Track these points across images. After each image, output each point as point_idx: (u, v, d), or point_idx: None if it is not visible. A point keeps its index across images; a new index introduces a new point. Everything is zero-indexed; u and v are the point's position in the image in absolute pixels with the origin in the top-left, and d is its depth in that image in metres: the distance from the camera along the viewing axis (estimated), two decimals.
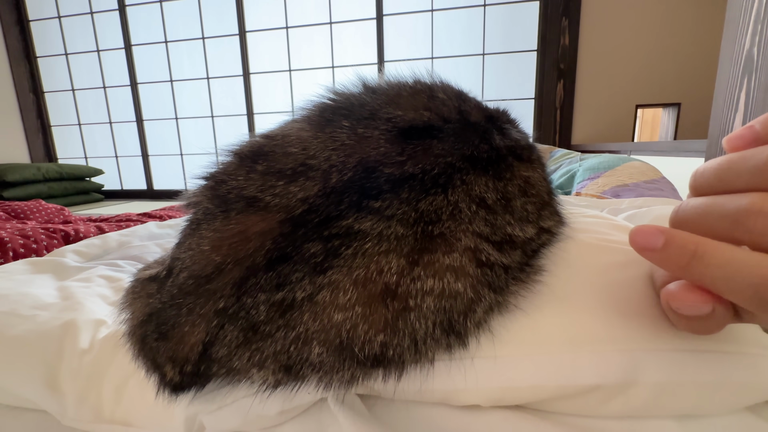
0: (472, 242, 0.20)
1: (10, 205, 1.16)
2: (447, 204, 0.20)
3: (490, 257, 0.20)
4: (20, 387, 0.29)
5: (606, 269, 0.24)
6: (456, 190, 0.21)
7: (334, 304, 0.19)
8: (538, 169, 0.25)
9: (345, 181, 0.21)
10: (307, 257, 0.19)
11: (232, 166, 0.23)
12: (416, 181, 0.21)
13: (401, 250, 0.19)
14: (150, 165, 3.03)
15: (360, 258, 0.19)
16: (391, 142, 0.22)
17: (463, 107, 0.25)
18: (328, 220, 0.20)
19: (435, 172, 0.21)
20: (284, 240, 0.20)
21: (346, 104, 0.24)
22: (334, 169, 0.21)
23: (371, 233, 0.19)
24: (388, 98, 0.24)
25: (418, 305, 0.19)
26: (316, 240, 0.20)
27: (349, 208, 0.20)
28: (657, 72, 2.16)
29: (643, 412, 0.21)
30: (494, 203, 0.21)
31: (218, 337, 0.20)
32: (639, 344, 0.20)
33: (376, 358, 0.19)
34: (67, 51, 2.96)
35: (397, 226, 0.20)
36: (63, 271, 0.48)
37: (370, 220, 0.20)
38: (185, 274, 0.21)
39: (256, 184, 0.21)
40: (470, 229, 0.20)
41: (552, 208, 0.25)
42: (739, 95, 0.53)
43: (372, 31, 2.49)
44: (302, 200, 0.20)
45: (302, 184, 0.21)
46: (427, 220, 0.20)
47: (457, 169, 0.21)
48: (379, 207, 0.20)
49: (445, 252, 0.20)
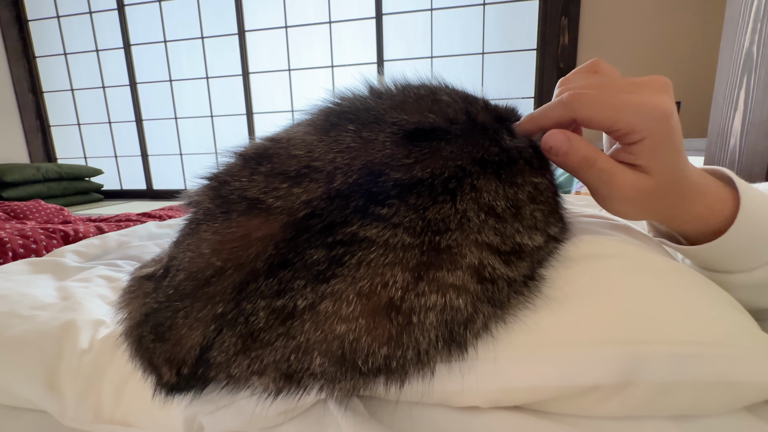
0: (477, 257, 0.20)
1: (10, 206, 1.15)
2: (455, 213, 0.20)
3: (495, 271, 0.20)
4: (20, 387, 0.29)
5: (604, 271, 0.24)
6: (465, 197, 0.21)
7: (337, 315, 0.19)
8: (546, 174, 0.25)
9: (350, 184, 0.20)
10: (310, 264, 0.19)
11: (236, 167, 0.23)
12: (425, 187, 0.20)
13: (407, 263, 0.19)
14: (149, 165, 3.03)
15: (364, 268, 0.19)
16: (397, 144, 0.21)
17: (470, 109, 0.25)
18: (332, 226, 0.20)
19: (445, 176, 0.21)
20: (286, 245, 0.20)
21: (351, 108, 0.24)
22: (338, 171, 0.21)
23: (377, 241, 0.19)
24: (394, 103, 0.24)
25: (421, 321, 0.19)
26: (319, 246, 0.19)
27: (354, 214, 0.20)
28: (656, 70, 2.15)
29: (641, 412, 0.21)
30: (503, 211, 0.21)
31: (216, 342, 0.20)
32: (637, 345, 0.20)
33: (379, 369, 0.19)
34: (66, 51, 2.95)
35: (403, 234, 0.19)
36: (62, 271, 0.48)
37: (375, 227, 0.19)
38: (183, 276, 0.21)
39: (260, 185, 0.21)
40: (478, 239, 0.20)
41: (558, 215, 0.25)
42: (739, 93, 0.53)
43: (371, 30, 2.49)
44: (305, 203, 0.20)
45: (306, 186, 0.21)
46: (434, 230, 0.20)
47: (468, 173, 0.21)
48: (386, 214, 0.20)
49: (449, 269, 0.19)
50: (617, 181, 0.24)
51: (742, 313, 0.23)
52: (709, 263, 0.27)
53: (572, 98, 0.23)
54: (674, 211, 0.25)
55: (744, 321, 0.22)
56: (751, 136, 0.52)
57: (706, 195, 0.25)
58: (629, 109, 0.22)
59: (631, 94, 0.23)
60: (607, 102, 0.23)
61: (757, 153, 0.51)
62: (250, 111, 2.78)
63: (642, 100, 0.22)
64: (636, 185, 0.24)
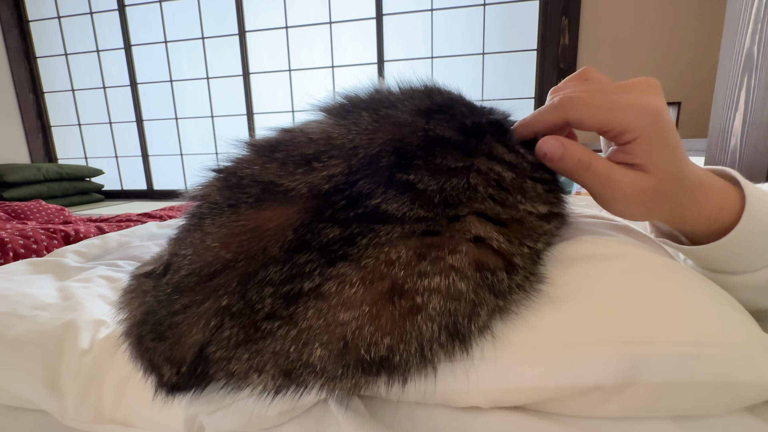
0: (481, 230, 0.21)
1: (10, 206, 1.15)
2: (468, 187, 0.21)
3: (500, 246, 0.21)
4: (20, 387, 0.29)
5: (604, 271, 0.24)
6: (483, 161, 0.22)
7: (341, 298, 0.18)
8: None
9: (373, 155, 0.21)
10: (325, 243, 0.19)
11: (248, 158, 0.23)
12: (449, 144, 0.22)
13: (410, 240, 0.19)
14: (150, 165, 3.03)
15: (372, 249, 0.19)
16: (415, 115, 0.23)
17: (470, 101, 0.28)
18: (357, 198, 0.20)
19: (467, 124, 0.23)
20: (305, 227, 0.19)
21: (365, 99, 0.26)
22: (360, 148, 0.21)
23: (395, 215, 0.19)
24: (404, 96, 0.26)
25: (425, 303, 0.19)
26: (337, 224, 0.19)
27: (378, 185, 0.20)
28: (657, 71, 2.16)
29: (642, 412, 0.21)
30: (511, 182, 0.23)
31: (215, 336, 0.19)
32: (637, 345, 0.20)
33: (381, 362, 0.19)
34: (67, 51, 2.96)
35: (419, 209, 0.20)
36: (63, 271, 0.48)
37: (396, 200, 0.20)
38: (185, 271, 0.20)
39: (275, 171, 0.21)
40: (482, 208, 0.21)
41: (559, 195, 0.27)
42: (739, 94, 0.53)
43: (372, 30, 2.49)
44: (328, 177, 0.20)
45: (326, 162, 0.21)
46: (448, 203, 0.20)
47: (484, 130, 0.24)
48: (412, 180, 0.20)
49: (451, 251, 0.20)
50: (615, 181, 0.24)
51: (742, 314, 0.23)
52: (712, 264, 0.27)
53: (563, 101, 0.24)
54: (682, 211, 0.25)
55: (745, 321, 0.22)
56: (752, 137, 0.52)
57: (712, 194, 0.25)
58: (620, 109, 0.23)
59: (620, 95, 0.24)
60: (598, 103, 0.24)
61: (757, 153, 0.51)
62: (251, 111, 2.78)
63: (632, 100, 0.23)
64: (635, 184, 0.24)
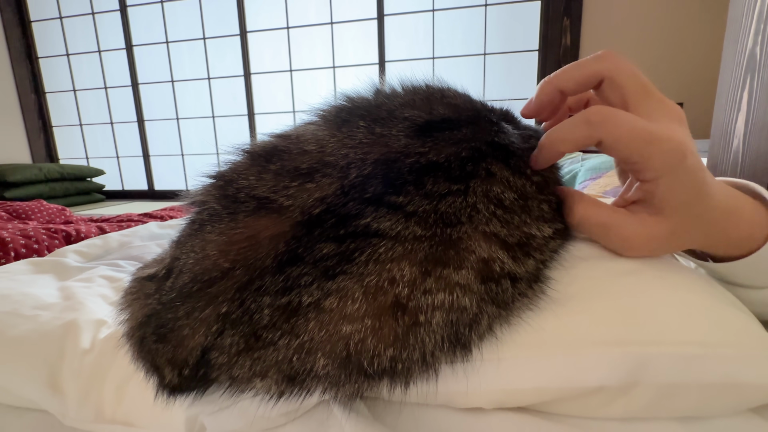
0: (486, 251, 0.20)
1: (12, 206, 1.16)
2: (466, 205, 0.20)
3: (503, 266, 0.20)
4: (22, 387, 0.29)
5: (608, 272, 0.24)
6: (478, 185, 0.21)
7: (342, 313, 0.18)
8: (553, 168, 0.26)
9: (365, 176, 0.20)
10: (319, 259, 0.19)
11: (243, 165, 0.23)
12: (441, 171, 0.20)
13: (415, 257, 0.19)
14: (151, 165, 3.04)
15: (372, 265, 0.19)
16: (411, 137, 0.22)
17: (475, 104, 0.26)
18: (346, 218, 0.19)
19: (463, 155, 0.21)
20: (297, 242, 0.19)
21: (362, 105, 0.24)
22: (352, 166, 0.20)
23: (389, 234, 0.19)
24: (404, 101, 0.24)
25: (428, 320, 0.19)
26: (330, 240, 0.19)
27: (368, 205, 0.19)
28: (659, 71, 2.15)
29: (646, 413, 0.20)
30: (512, 203, 0.21)
31: (217, 342, 0.19)
32: (642, 346, 0.20)
33: (384, 371, 0.19)
34: (69, 51, 2.97)
35: (415, 227, 0.19)
36: (64, 271, 0.48)
37: (389, 219, 0.19)
38: (187, 277, 0.20)
39: (269, 184, 0.21)
40: (487, 231, 0.20)
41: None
42: (742, 95, 0.52)
43: (373, 31, 2.49)
44: (319, 200, 0.20)
45: (319, 182, 0.20)
46: (446, 222, 0.20)
47: (483, 155, 0.21)
48: (401, 202, 0.20)
49: (456, 267, 0.19)
50: (615, 234, 0.24)
51: (747, 315, 0.23)
52: (731, 278, 0.26)
53: (605, 119, 0.21)
54: (706, 240, 0.24)
55: (749, 322, 0.22)
56: (755, 138, 0.51)
57: (743, 219, 0.24)
58: (649, 143, 0.20)
59: (650, 123, 0.21)
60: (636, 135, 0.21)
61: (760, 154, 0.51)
62: (252, 112, 2.79)
63: (660, 133, 0.21)
64: (645, 233, 0.23)
